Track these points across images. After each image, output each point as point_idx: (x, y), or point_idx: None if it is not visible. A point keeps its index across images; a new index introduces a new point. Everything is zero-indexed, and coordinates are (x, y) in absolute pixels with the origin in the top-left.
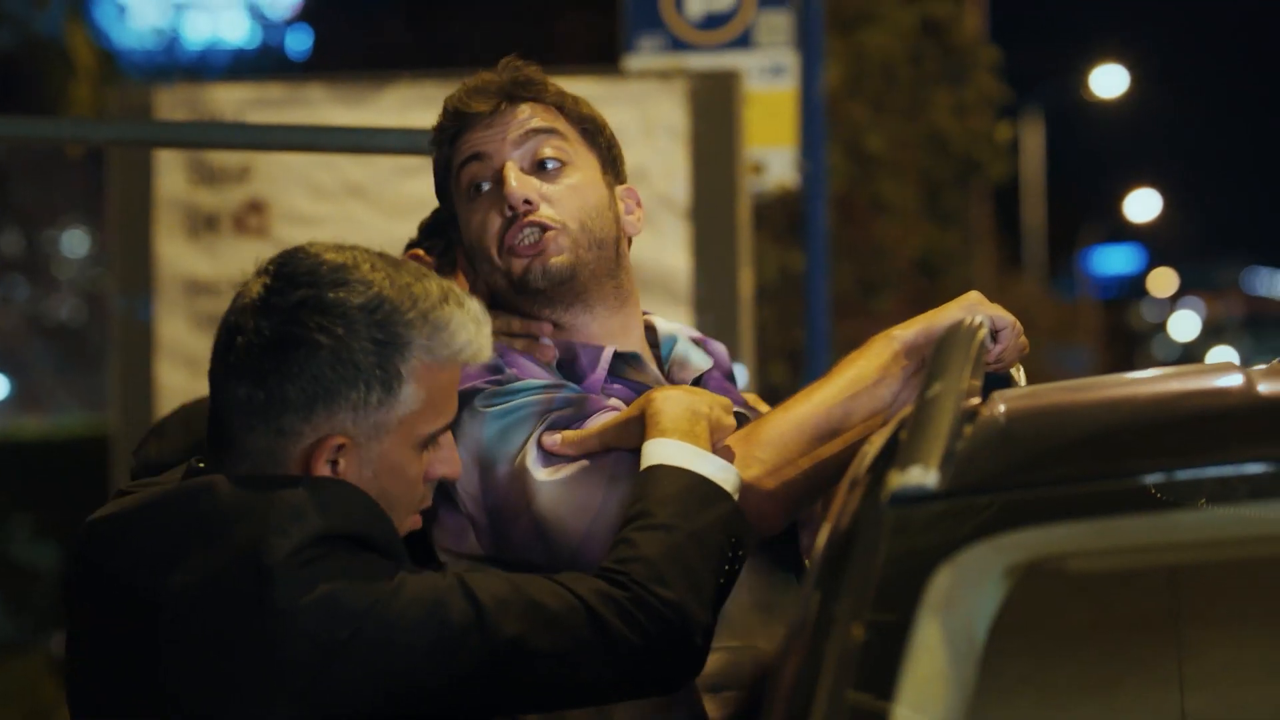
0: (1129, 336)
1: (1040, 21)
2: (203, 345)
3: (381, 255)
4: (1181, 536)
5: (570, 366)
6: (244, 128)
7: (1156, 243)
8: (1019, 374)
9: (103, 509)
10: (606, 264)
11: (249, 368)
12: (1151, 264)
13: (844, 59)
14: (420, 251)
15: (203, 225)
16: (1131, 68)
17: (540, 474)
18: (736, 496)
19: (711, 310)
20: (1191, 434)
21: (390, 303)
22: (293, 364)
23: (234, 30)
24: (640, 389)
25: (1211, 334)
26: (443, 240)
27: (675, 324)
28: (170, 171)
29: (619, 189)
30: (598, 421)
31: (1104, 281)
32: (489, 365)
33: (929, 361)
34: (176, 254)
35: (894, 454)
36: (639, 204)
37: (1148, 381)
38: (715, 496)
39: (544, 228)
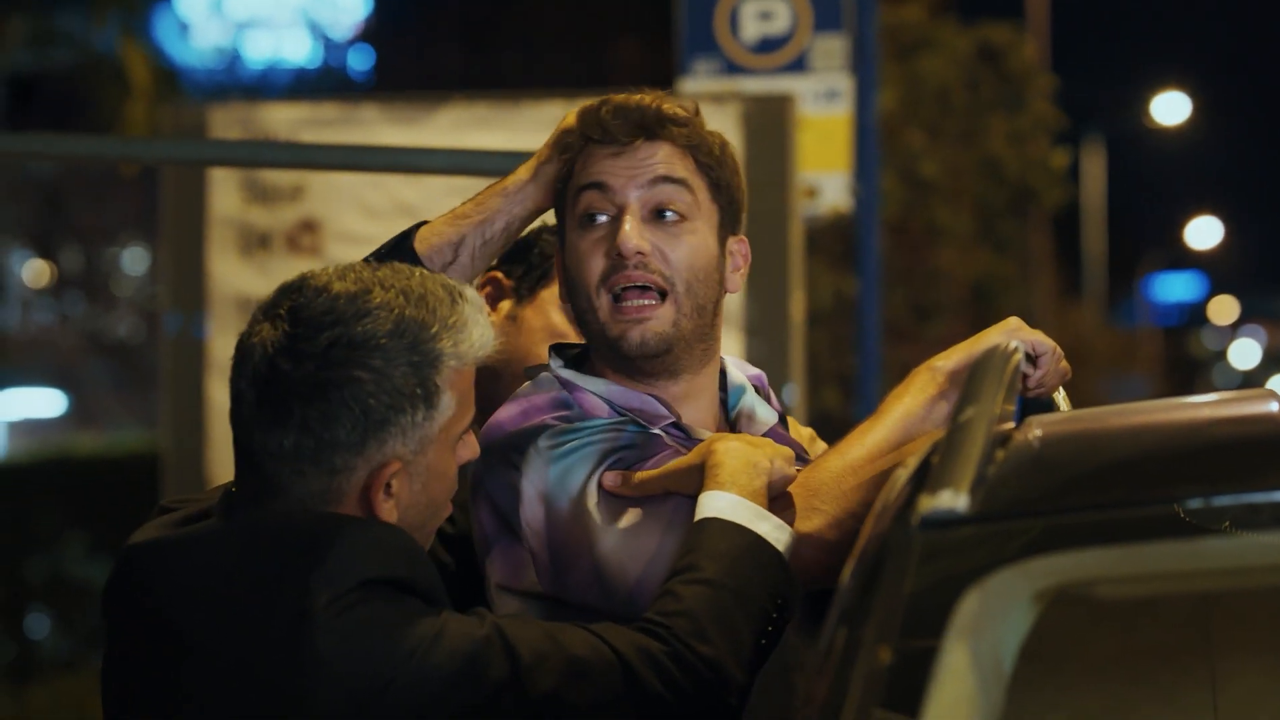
0: (1189, 364)
1: (1102, 49)
2: None
3: (378, 267)
4: (1212, 564)
5: (629, 410)
6: (297, 147)
7: (1217, 270)
8: (1062, 399)
9: (143, 532)
10: (702, 330)
11: (292, 417)
12: (1212, 292)
13: (900, 84)
14: (499, 274)
15: (256, 244)
16: (1193, 95)
17: (601, 518)
18: (788, 556)
19: (763, 334)
20: (1223, 461)
21: (415, 322)
22: (338, 406)
23: (296, 50)
24: (697, 441)
25: (1272, 362)
26: (522, 265)
27: (745, 370)
28: (224, 190)
29: (731, 241)
30: (660, 464)
31: (1164, 309)
32: (557, 400)
33: (963, 386)
34: (229, 272)
35: (925, 478)
36: (746, 258)
37: (1181, 408)
38: (766, 556)
39: (650, 288)
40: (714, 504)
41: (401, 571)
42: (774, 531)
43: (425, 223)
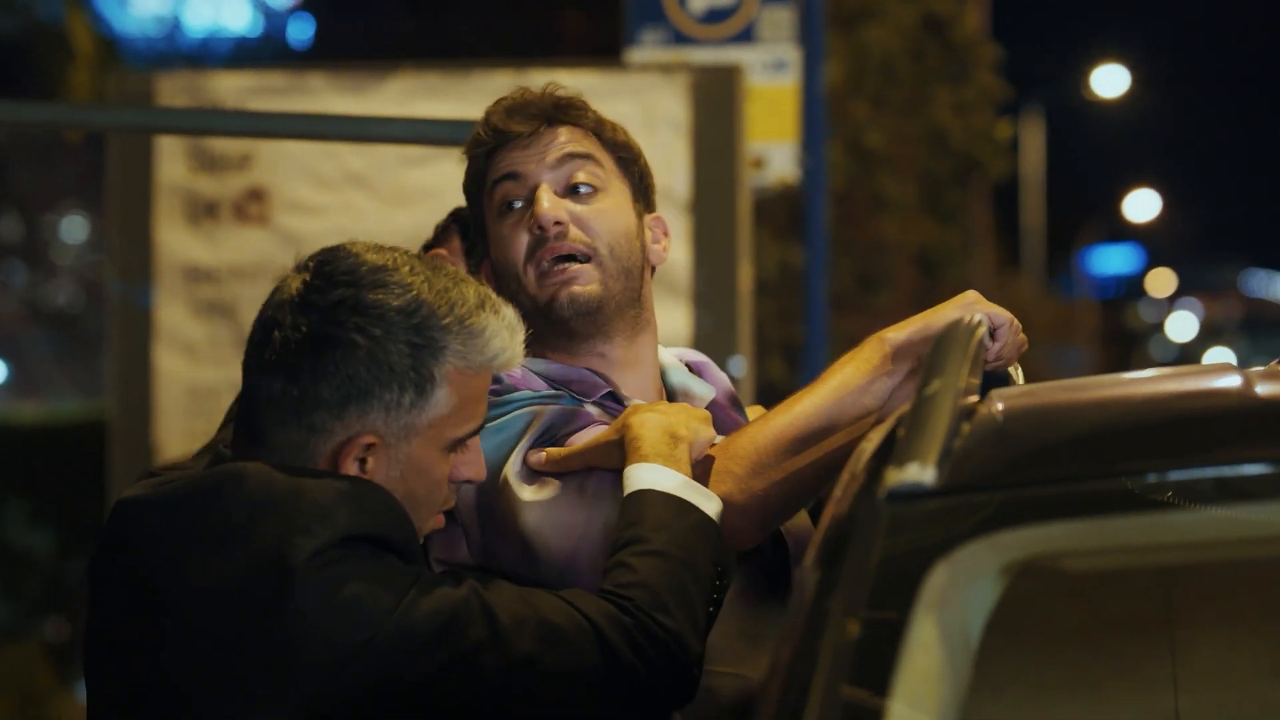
0: (1127, 337)
1: (1042, 20)
2: (201, 332)
3: (420, 258)
4: (1176, 537)
5: (568, 385)
6: (245, 115)
7: (1155, 243)
8: (1017, 372)
9: (131, 489)
10: (630, 293)
11: (284, 364)
12: (1150, 264)
13: (845, 55)
14: (442, 251)
15: (203, 212)
16: (1132, 68)
17: (525, 493)
18: (720, 524)
19: (710, 305)
20: (1188, 435)
21: (428, 306)
22: (328, 363)
23: (236, 18)
24: None
25: (1209, 335)
26: (466, 242)
27: (672, 350)
28: (171, 158)
29: (648, 217)
30: (585, 437)
31: (1102, 281)
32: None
33: (927, 359)
34: (176, 241)
35: (891, 450)
36: (666, 233)
37: (1146, 381)
38: (703, 524)
39: (574, 256)
40: (644, 476)
41: (382, 529)
42: (705, 501)
43: None
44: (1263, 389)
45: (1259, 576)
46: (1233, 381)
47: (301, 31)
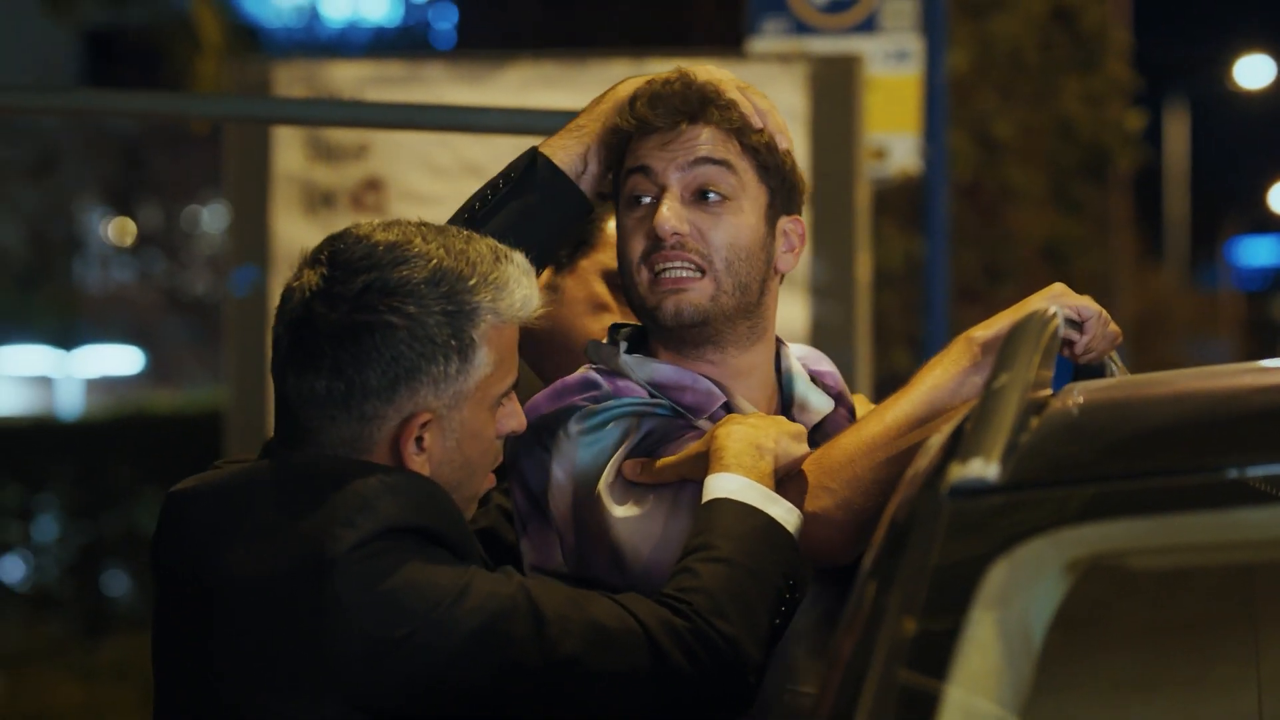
0: (1272, 329)
1: (1187, 11)
2: None
3: (425, 224)
4: (1249, 535)
5: (679, 393)
6: (361, 105)
7: None
8: (1115, 364)
9: (186, 480)
10: (745, 307)
11: (324, 360)
12: None
13: (972, 45)
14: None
15: (320, 202)
16: (1278, 58)
17: (616, 510)
18: (797, 536)
19: (829, 295)
20: (1262, 429)
21: (453, 272)
22: (370, 350)
23: (375, 8)
24: None
25: None
26: (572, 243)
27: (799, 352)
28: (288, 148)
29: (784, 222)
30: (683, 447)
31: (1247, 273)
32: (586, 380)
33: (997, 353)
34: (293, 230)
35: (956, 446)
36: (802, 238)
37: (1223, 375)
38: (778, 537)
39: (691, 266)
40: (722, 485)
41: (429, 521)
42: (783, 513)
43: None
44: None
45: None
46: None
47: (442, 22)
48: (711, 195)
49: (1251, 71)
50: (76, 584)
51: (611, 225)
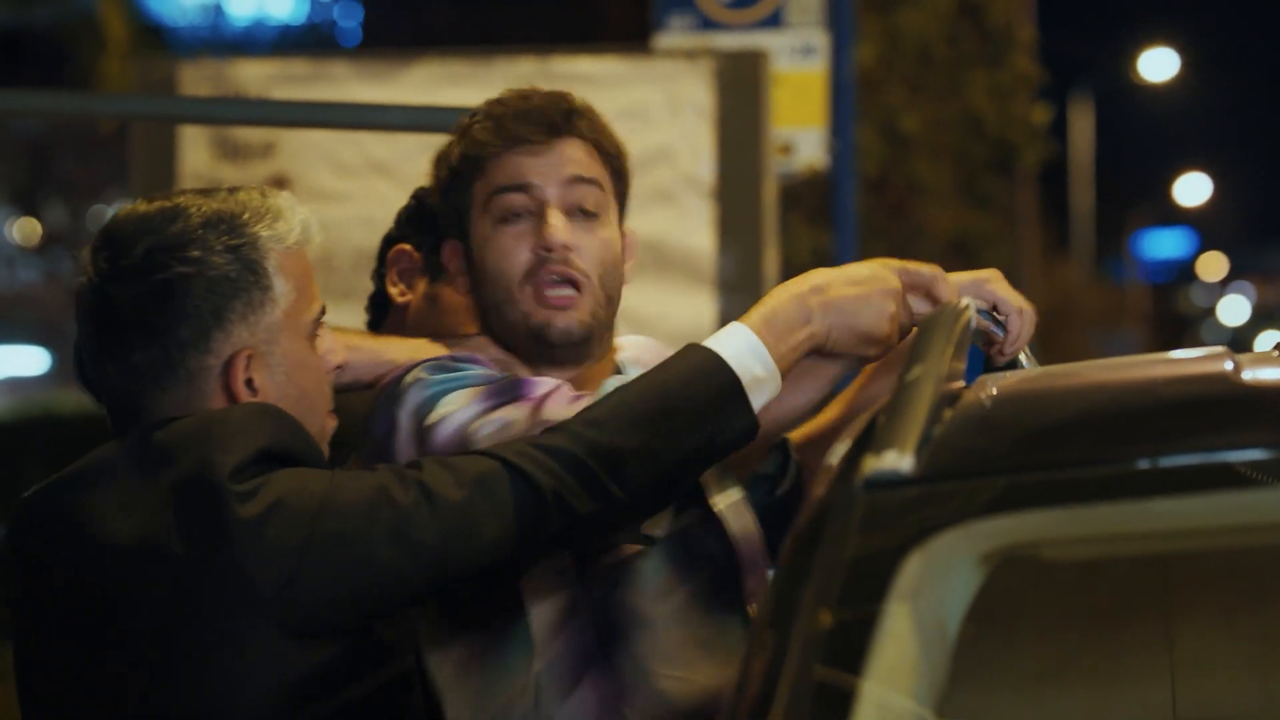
0: (1178, 321)
1: (1091, 5)
2: None
3: (181, 190)
4: (1161, 525)
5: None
6: (267, 104)
7: (1207, 227)
8: (1028, 358)
9: (36, 487)
10: (609, 320)
11: (133, 334)
12: (1201, 248)
13: (880, 39)
14: (408, 247)
15: None
16: (1181, 51)
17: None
18: (765, 397)
19: (737, 291)
20: (1174, 420)
21: (224, 213)
22: (171, 306)
23: (280, 6)
24: None
25: (1262, 319)
26: (433, 235)
27: (634, 342)
28: (194, 147)
29: (626, 234)
30: (541, 394)
31: (1153, 266)
32: (435, 364)
33: (911, 345)
34: None
35: (870, 438)
36: (634, 250)
37: (1133, 366)
38: (726, 394)
39: (570, 282)
40: (721, 337)
41: (296, 445)
42: (760, 374)
43: None
44: (1250, 375)
45: (1252, 563)
46: (1220, 367)
47: (348, 20)
48: (587, 214)
49: (1156, 65)
50: None
51: None
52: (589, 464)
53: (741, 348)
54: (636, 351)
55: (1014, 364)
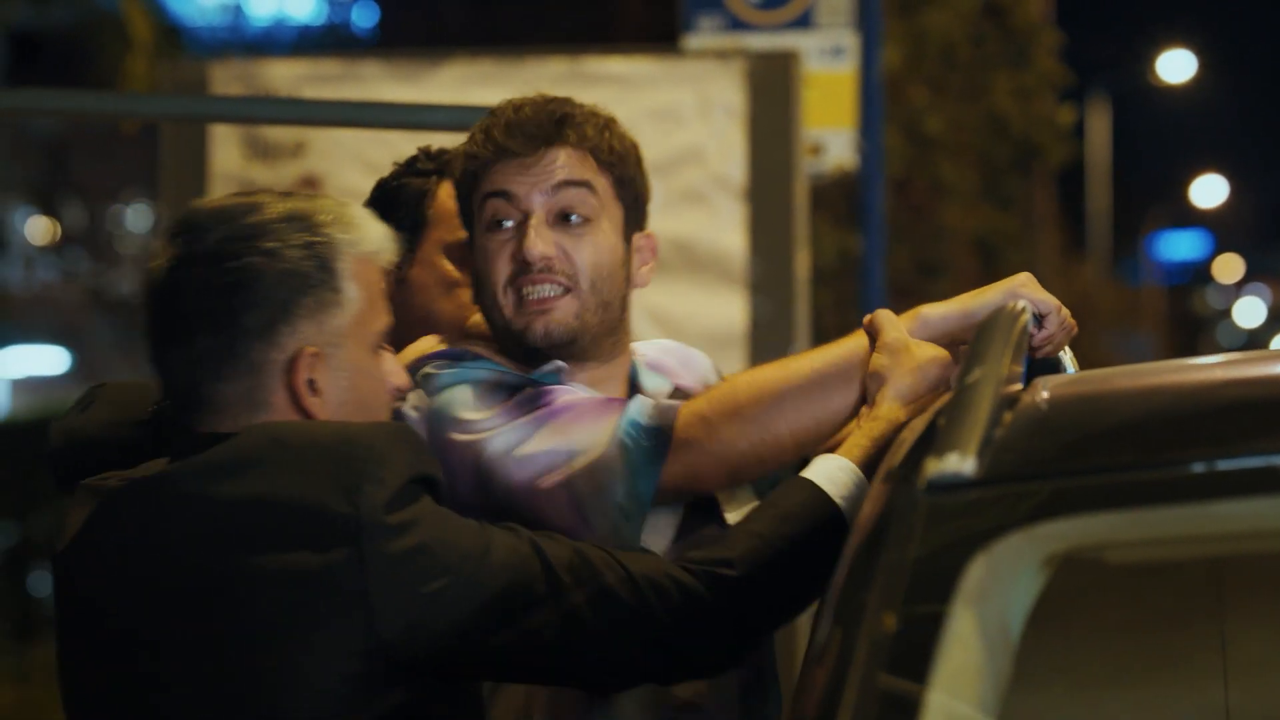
0: (1193, 322)
1: (1108, 6)
2: None
3: (262, 189)
4: (1222, 528)
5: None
6: (298, 103)
7: (1223, 228)
8: (1069, 359)
9: (100, 483)
10: (608, 324)
11: (199, 320)
12: (1217, 250)
13: (904, 40)
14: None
15: None
16: (1199, 53)
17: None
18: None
19: (767, 293)
20: (1234, 422)
21: (303, 210)
22: (240, 295)
23: (300, 7)
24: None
25: (1278, 320)
26: (391, 222)
27: (660, 346)
28: (224, 147)
29: (638, 238)
30: (569, 394)
31: (1169, 267)
32: (449, 354)
33: (969, 347)
34: None
35: (931, 441)
36: (654, 253)
37: (1192, 369)
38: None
39: (556, 286)
40: (822, 468)
41: (430, 468)
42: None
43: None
44: None
45: None
46: None
47: (365, 20)
48: (574, 218)
49: (1173, 66)
50: (4, 586)
51: (441, 198)
52: (714, 610)
53: (851, 493)
54: (657, 354)
55: (1056, 366)
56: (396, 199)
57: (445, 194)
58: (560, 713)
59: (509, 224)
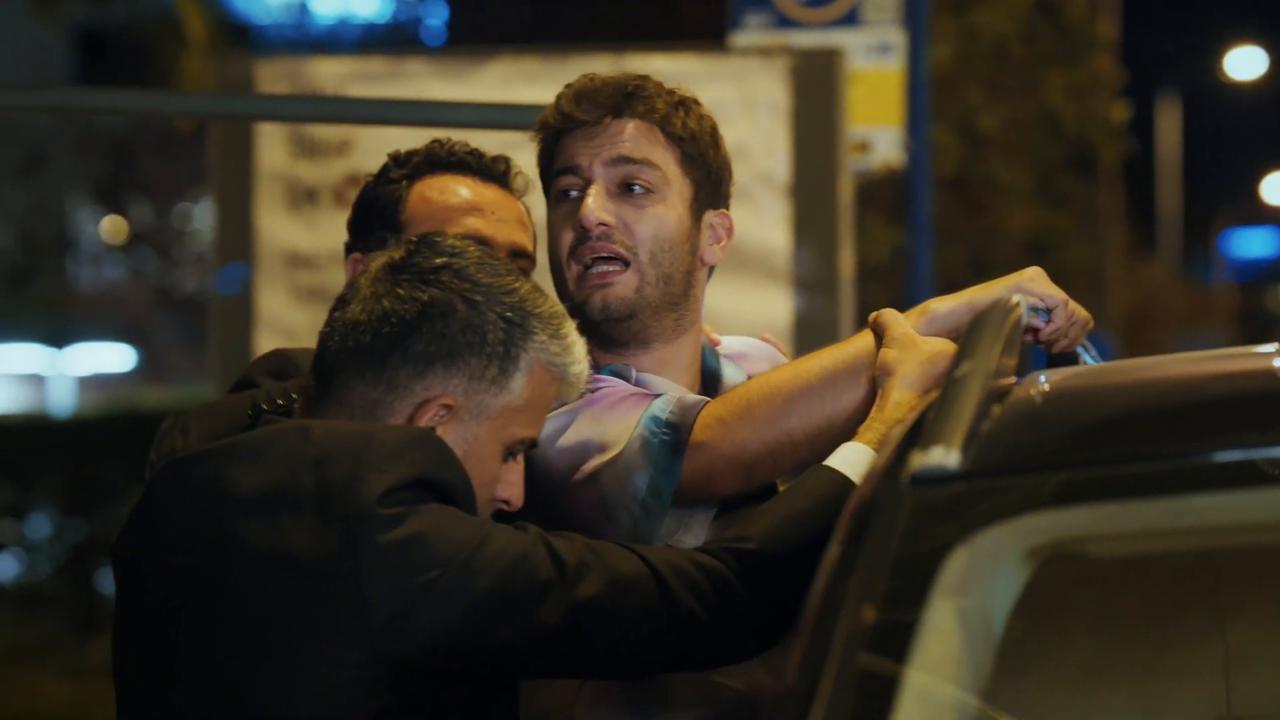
0: (1266, 320)
1: (1179, 2)
2: (301, 318)
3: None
4: (1208, 520)
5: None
6: (343, 101)
7: None
8: (1088, 352)
9: (183, 452)
10: (670, 299)
11: (376, 316)
12: None
13: (956, 38)
14: (358, 254)
15: (303, 198)
16: (1270, 49)
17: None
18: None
19: (812, 289)
20: (1222, 416)
21: (525, 294)
22: (425, 319)
23: (366, 4)
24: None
25: None
26: (371, 236)
27: (735, 342)
28: (271, 144)
29: (710, 215)
30: (605, 395)
31: (1241, 265)
32: None
33: (960, 341)
34: (277, 227)
35: (917, 434)
36: (729, 231)
37: (1183, 362)
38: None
39: (615, 258)
40: (844, 456)
41: (450, 477)
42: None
43: None
44: None
45: None
46: (1268, 362)
47: (433, 19)
48: (636, 188)
49: (1243, 63)
50: (69, 582)
51: (412, 201)
52: (740, 589)
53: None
54: (743, 347)
55: (1075, 360)
56: (372, 209)
57: (416, 196)
58: (604, 713)
59: (573, 194)
